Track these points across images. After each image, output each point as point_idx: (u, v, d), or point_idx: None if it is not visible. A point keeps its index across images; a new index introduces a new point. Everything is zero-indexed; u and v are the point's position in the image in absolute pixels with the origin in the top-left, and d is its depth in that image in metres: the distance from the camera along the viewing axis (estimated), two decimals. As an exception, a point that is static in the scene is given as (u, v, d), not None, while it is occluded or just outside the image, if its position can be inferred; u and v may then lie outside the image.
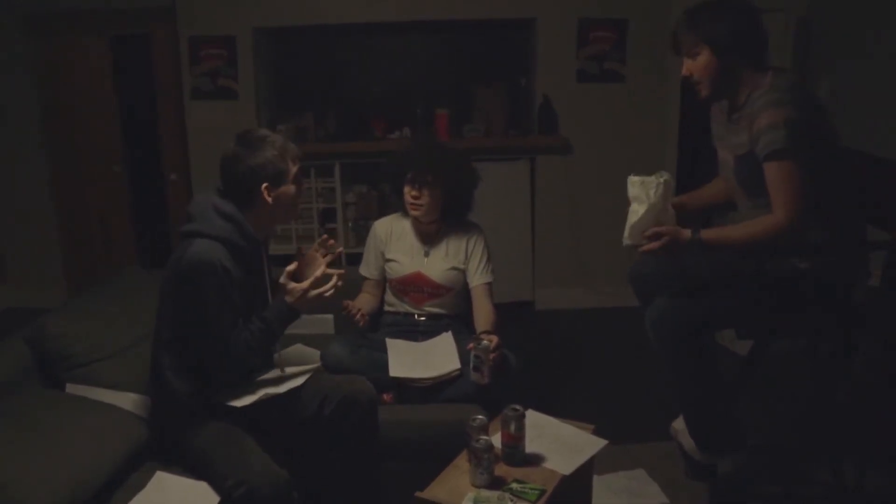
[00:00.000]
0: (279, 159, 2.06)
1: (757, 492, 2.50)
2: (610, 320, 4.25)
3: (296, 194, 2.14)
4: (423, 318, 2.69)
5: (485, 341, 2.34)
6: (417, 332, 2.65)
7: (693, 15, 2.15)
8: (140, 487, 1.94)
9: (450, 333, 2.59)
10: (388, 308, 2.77)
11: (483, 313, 2.62)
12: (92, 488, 1.85)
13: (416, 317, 2.70)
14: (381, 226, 2.79)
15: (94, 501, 1.85)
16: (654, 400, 3.10)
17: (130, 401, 2.15)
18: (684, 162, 4.36)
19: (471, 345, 2.34)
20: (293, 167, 2.10)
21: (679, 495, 2.52)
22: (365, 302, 2.69)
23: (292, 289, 2.08)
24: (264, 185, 2.05)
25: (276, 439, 2.07)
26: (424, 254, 2.71)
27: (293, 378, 2.16)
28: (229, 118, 4.11)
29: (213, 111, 4.23)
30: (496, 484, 1.88)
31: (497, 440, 1.97)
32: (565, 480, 1.92)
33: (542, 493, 1.85)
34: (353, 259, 3.53)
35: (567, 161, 4.35)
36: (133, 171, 4.63)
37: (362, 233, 4.17)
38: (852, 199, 2.20)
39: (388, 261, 2.73)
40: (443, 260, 2.69)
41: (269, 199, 2.06)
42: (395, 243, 2.74)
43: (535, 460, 1.99)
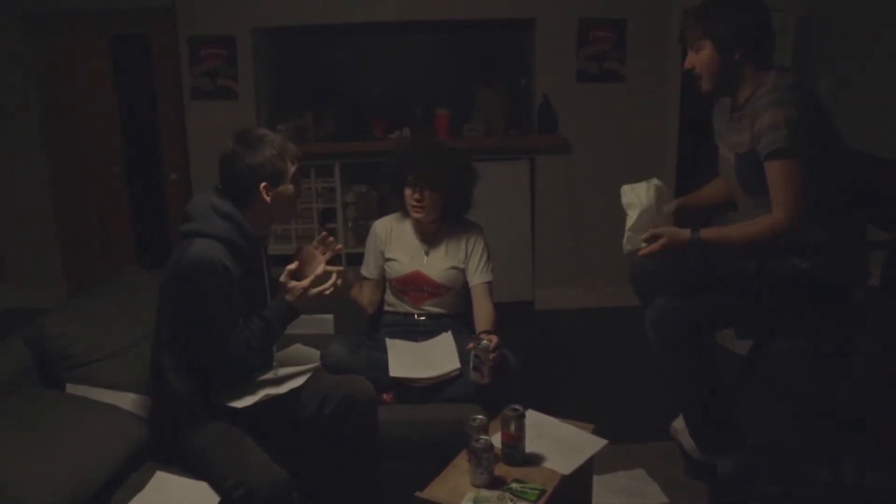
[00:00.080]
0: (278, 159, 2.06)
1: (757, 492, 2.50)
2: (610, 320, 4.24)
3: (294, 194, 2.13)
4: (423, 318, 2.69)
5: (484, 341, 2.34)
6: (417, 331, 2.65)
7: (702, 8, 2.16)
8: (140, 487, 1.94)
9: (449, 333, 2.59)
10: (387, 308, 2.77)
11: (483, 313, 2.62)
12: (92, 488, 1.84)
13: (416, 316, 2.70)
14: (380, 226, 2.79)
15: (94, 501, 1.85)
16: (654, 400, 3.10)
17: (130, 401, 2.14)
18: (684, 162, 4.36)
19: (470, 345, 2.34)
20: (292, 167, 2.10)
21: (679, 495, 2.52)
22: (367, 293, 2.73)
23: (292, 287, 2.08)
24: (263, 185, 2.05)
25: (276, 439, 2.07)
26: (424, 253, 2.71)
27: (293, 378, 2.16)
28: (229, 118, 4.10)
29: (213, 111, 4.22)
30: (496, 484, 1.88)
31: (497, 440, 1.97)
32: (565, 480, 1.92)
33: (542, 492, 1.85)
34: (353, 259, 3.53)
35: (567, 161, 4.35)
36: (133, 171, 4.63)
37: (362, 233, 4.17)
38: (852, 199, 2.20)
39: (387, 260, 2.73)
40: (442, 259, 2.69)
41: (268, 199, 2.06)
42: (395, 243, 2.74)
43: (535, 460, 1.99)
